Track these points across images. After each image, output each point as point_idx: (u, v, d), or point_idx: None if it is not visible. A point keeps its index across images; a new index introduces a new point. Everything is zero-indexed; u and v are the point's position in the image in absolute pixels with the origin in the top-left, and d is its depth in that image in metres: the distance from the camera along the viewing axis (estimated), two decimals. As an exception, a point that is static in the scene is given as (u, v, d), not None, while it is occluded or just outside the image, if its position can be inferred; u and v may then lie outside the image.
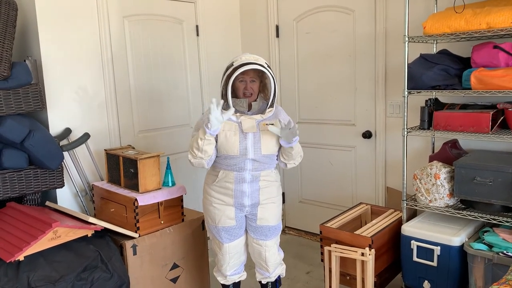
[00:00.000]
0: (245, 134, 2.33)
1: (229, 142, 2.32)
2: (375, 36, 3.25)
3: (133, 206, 2.60)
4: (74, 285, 2.23)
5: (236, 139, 2.32)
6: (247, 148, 2.32)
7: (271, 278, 2.58)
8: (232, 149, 2.32)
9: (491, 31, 2.27)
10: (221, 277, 2.60)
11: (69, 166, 2.94)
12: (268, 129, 2.31)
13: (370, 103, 3.37)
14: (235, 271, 2.57)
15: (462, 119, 2.45)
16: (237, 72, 2.26)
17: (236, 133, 2.32)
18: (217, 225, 2.44)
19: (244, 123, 2.33)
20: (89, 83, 3.07)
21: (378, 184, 3.41)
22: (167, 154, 3.37)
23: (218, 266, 2.58)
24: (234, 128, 2.33)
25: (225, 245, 2.46)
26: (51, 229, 2.26)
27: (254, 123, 2.34)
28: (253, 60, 2.28)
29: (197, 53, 3.77)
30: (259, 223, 2.44)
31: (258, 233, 2.47)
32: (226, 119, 2.25)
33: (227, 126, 2.33)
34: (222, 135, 2.32)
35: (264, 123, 2.34)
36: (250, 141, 2.33)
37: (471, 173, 2.41)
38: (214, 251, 2.59)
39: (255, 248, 2.51)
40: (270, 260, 2.51)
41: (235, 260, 2.53)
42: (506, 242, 2.29)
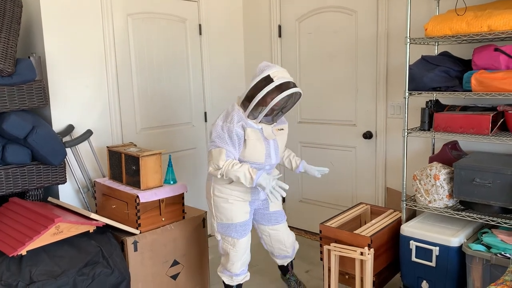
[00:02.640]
0: (268, 141, 2.46)
1: (256, 150, 2.42)
2: (377, 37, 3.27)
3: (135, 203, 2.63)
4: (76, 280, 2.25)
5: (262, 146, 2.44)
6: (270, 155, 2.48)
7: (291, 257, 2.87)
8: (259, 157, 2.44)
9: (492, 34, 2.28)
10: (228, 277, 2.65)
11: (72, 162, 2.96)
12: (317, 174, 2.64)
13: (371, 103, 3.38)
14: (243, 271, 2.65)
15: (463, 121, 2.46)
16: (284, 94, 2.29)
17: (260, 140, 2.44)
18: (233, 221, 2.52)
19: (264, 131, 2.45)
20: (92, 80, 3.09)
21: (378, 184, 3.43)
22: (169, 152, 3.40)
23: (228, 266, 2.61)
24: (259, 135, 2.43)
25: (240, 240, 2.54)
26: (54, 224, 2.28)
27: (271, 130, 2.47)
28: (289, 79, 2.34)
29: (200, 51, 3.79)
30: (271, 209, 2.66)
31: (272, 219, 2.69)
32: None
33: (255, 135, 2.42)
34: (251, 144, 2.41)
35: (277, 128, 2.51)
36: (272, 148, 2.48)
37: (470, 174, 2.42)
38: (225, 251, 2.61)
39: (272, 235, 2.72)
40: (288, 241, 2.76)
41: (246, 256, 2.63)
42: (504, 243, 2.30)
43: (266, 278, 3.21)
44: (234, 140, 2.35)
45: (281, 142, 2.57)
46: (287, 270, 2.96)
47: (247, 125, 2.38)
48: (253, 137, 2.39)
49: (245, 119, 2.39)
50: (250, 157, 2.42)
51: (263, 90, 2.28)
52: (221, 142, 2.35)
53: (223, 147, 2.33)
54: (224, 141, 2.34)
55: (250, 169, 2.33)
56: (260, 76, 2.32)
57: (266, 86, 2.28)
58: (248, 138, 2.37)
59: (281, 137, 2.56)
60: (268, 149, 2.46)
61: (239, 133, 2.35)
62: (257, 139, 2.40)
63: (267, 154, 2.46)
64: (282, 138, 2.57)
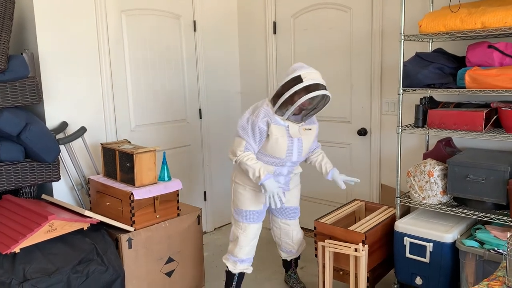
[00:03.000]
0: (292, 138, 2.52)
1: (278, 146, 2.50)
2: (372, 34, 3.27)
3: (129, 200, 2.62)
4: (70, 277, 2.24)
5: (284, 143, 2.50)
6: (292, 152, 2.54)
7: (296, 255, 2.94)
8: (280, 152, 2.52)
9: (486, 30, 2.29)
10: (232, 263, 2.72)
11: (65, 159, 2.95)
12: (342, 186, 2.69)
13: (366, 100, 3.39)
14: (248, 259, 2.73)
15: (456, 118, 2.47)
16: (311, 95, 2.34)
17: (284, 137, 2.50)
18: (247, 208, 2.65)
19: (291, 128, 2.51)
20: (86, 77, 3.07)
21: (373, 181, 3.44)
22: (163, 149, 3.39)
23: (235, 251, 2.69)
24: (283, 132, 2.49)
25: (251, 225, 2.66)
26: (47, 221, 2.27)
27: (297, 128, 2.52)
28: (320, 81, 2.40)
29: (194, 48, 3.78)
30: (286, 205, 2.72)
31: (285, 214, 2.79)
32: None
33: (278, 132, 2.48)
34: (273, 139, 2.48)
35: (304, 128, 2.56)
36: (296, 146, 2.54)
37: (464, 171, 2.43)
38: (235, 235, 2.71)
39: (282, 229, 2.83)
40: (296, 238, 2.85)
41: (253, 245, 2.72)
42: (497, 239, 2.31)
43: (261, 274, 3.22)
44: (256, 134, 2.47)
45: (307, 142, 2.60)
46: (290, 267, 3.02)
47: (272, 121, 2.46)
48: (276, 134, 2.47)
49: (272, 115, 2.47)
50: (271, 151, 2.52)
51: (292, 89, 2.36)
52: (243, 133, 2.48)
53: (244, 139, 2.48)
54: (246, 133, 2.48)
55: (262, 170, 2.46)
56: (291, 75, 2.40)
57: (295, 86, 2.35)
58: (271, 134, 2.47)
59: (308, 137, 2.60)
60: (290, 147, 2.53)
61: (261, 128, 2.46)
62: (281, 135, 2.48)
63: (289, 151, 2.53)
64: (309, 138, 2.61)
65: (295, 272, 3.04)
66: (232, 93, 4.14)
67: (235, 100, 4.17)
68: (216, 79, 3.98)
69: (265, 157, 2.57)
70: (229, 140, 4.07)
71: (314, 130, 2.64)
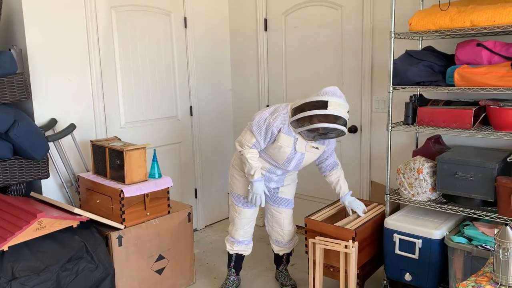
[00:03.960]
0: (296, 152, 2.56)
1: (280, 153, 2.55)
2: (362, 32, 3.28)
3: (119, 198, 2.61)
4: (59, 275, 2.23)
5: (286, 153, 2.55)
6: (290, 163, 2.60)
7: (287, 249, 2.96)
8: (279, 159, 2.59)
9: (475, 29, 2.31)
10: (230, 244, 2.88)
11: (55, 156, 2.93)
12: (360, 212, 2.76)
13: (356, 98, 3.40)
14: (245, 241, 2.87)
15: (445, 115, 2.49)
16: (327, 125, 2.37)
17: (290, 147, 2.54)
18: (241, 193, 2.76)
19: (298, 142, 2.54)
20: (75, 73, 3.05)
21: (363, 178, 3.46)
22: (154, 146, 3.38)
23: (232, 232, 2.86)
24: (290, 143, 2.53)
25: (245, 210, 2.78)
26: (36, 219, 2.25)
27: (304, 145, 2.57)
28: (343, 114, 2.40)
29: (185, 45, 3.76)
30: (280, 195, 2.83)
31: (278, 202, 2.84)
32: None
33: (285, 141, 2.52)
34: (277, 145, 2.53)
35: (311, 145, 2.59)
36: (296, 159, 2.58)
37: (453, 168, 2.45)
38: (231, 217, 2.86)
39: (274, 216, 2.87)
40: (287, 228, 2.88)
41: (248, 228, 2.85)
42: (485, 236, 2.34)
43: (252, 271, 3.23)
44: (268, 136, 2.52)
45: (309, 158, 2.63)
46: (281, 263, 3.05)
47: (284, 130, 2.50)
48: (283, 143, 2.51)
49: (287, 124, 2.50)
50: (271, 155, 2.59)
51: (313, 111, 2.38)
52: (257, 131, 2.53)
53: (256, 136, 2.54)
54: (259, 132, 2.53)
55: (258, 171, 2.56)
56: (319, 97, 2.41)
57: (317, 109, 2.37)
58: (277, 140, 2.52)
59: (312, 154, 2.62)
60: (291, 158, 2.57)
61: (274, 132, 2.51)
62: (286, 145, 2.52)
63: (288, 161, 2.58)
64: (311, 156, 2.64)
65: (286, 269, 3.05)
66: (223, 90, 4.14)
67: (226, 97, 4.17)
68: (207, 76, 3.96)
69: (264, 155, 2.63)
70: (220, 138, 4.11)
71: (320, 150, 2.65)
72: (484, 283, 1.86)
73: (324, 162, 2.76)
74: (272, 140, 2.54)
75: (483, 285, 1.85)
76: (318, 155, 2.67)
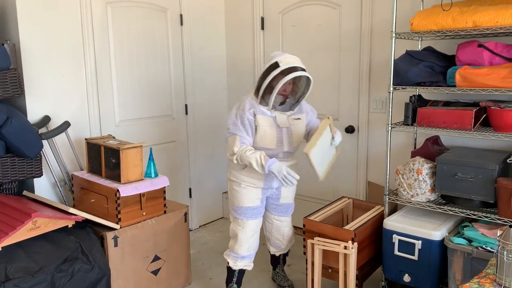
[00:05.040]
0: (281, 128, 2.51)
1: (267, 136, 2.49)
2: (361, 32, 3.27)
3: (115, 197, 2.55)
4: (54, 276, 2.17)
5: (273, 133, 2.50)
6: (283, 142, 2.54)
7: (284, 250, 2.91)
8: (270, 143, 2.51)
9: (477, 29, 2.30)
10: (233, 260, 2.70)
11: (48, 155, 2.86)
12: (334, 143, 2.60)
13: (354, 98, 3.38)
14: (249, 256, 2.71)
15: (446, 116, 2.48)
16: (287, 78, 2.36)
17: (273, 127, 2.50)
18: (244, 205, 2.62)
19: (278, 118, 2.51)
20: (69, 70, 2.98)
21: (360, 178, 3.44)
22: (148, 145, 3.32)
23: (235, 248, 2.68)
24: (270, 122, 2.49)
25: (249, 222, 2.63)
26: (31, 219, 2.19)
27: (286, 118, 2.52)
28: (297, 64, 2.42)
29: (181, 42, 3.71)
30: (282, 201, 2.74)
31: (280, 210, 2.77)
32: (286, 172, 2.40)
33: (265, 122, 2.48)
34: (261, 130, 2.48)
35: (293, 117, 2.55)
36: (285, 135, 2.53)
37: (453, 169, 2.45)
38: (234, 232, 2.69)
39: (274, 224, 2.81)
40: (288, 234, 2.84)
41: (253, 241, 2.69)
42: (484, 237, 2.34)
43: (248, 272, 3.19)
44: (247, 126, 2.46)
45: (296, 131, 2.58)
46: (278, 263, 3.00)
47: (258, 112, 2.47)
48: (263, 124, 2.47)
49: (257, 106, 2.47)
50: (261, 143, 2.50)
51: (269, 76, 2.38)
52: (235, 129, 2.46)
53: (237, 134, 2.45)
54: (237, 128, 2.46)
55: (262, 156, 2.41)
56: (269, 63, 2.43)
57: (272, 72, 2.38)
58: (258, 125, 2.46)
59: (297, 126, 2.58)
60: (280, 136, 2.52)
61: (250, 119, 2.45)
62: (269, 126, 2.48)
63: (279, 140, 2.52)
64: (298, 128, 2.59)
65: (283, 270, 3.02)
66: (219, 89, 4.09)
67: (222, 96, 4.12)
68: (203, 74, 3.92)
69: (257, 149, 2.54)
70: (215, 137, 4.06)
71: (303, 119, 2.62)
72: (487, 285, 1.85)
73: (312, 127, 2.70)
74: (254, 128, 2.48)
75: (486, 287, 1.84)
76: (303, 125, 2.63)
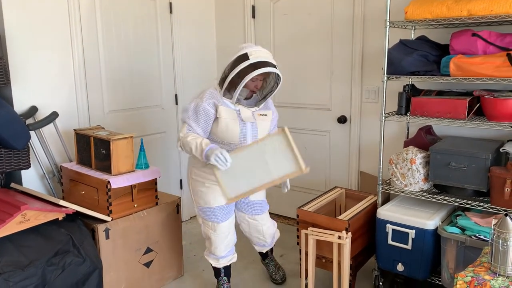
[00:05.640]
0: (245, 123, 2.38)
1: (229, 130, 2.35)
2: (353, 20, 3.24)
3: (106, 189, 2.51)
4: (45, 270, 2.12)
5: (236, 127, 2.36)
6: (246, 137, 2.39)
7: (270, 246, 2.85)
8: (233, 137, 2.37)
9: (472, 18, 2.29)
10: (214, 260, 2.63)
11: (36, 146, 2.79)
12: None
13: (346, 88, 3.37)
14: (229, 252, 2.62)
15: (440, 105, 2.47)
16: (257, 72, 2.23)
17: (236, 120, 2.36)
18: (211, 205, 2.47)
19: (242, 112, 2.38)
20: (57, 60, 2.90)
21: (352, 168, 3.44)
22: (137, 136, 3.27)
23: (212, 249, 2.59)
24: (233, 115, 2.36)
25: (221, 224, 2.51)
26: (20, 212, 2.13)
27: (251, 113, 2.40)
28: (267, 59, 2.28)
29: (170, 31, 3.64)
30: (251, 199, 2.59)
31: (251, 209, 2.63)
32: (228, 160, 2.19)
33: (228, 114, 2.34)
34: (223, 123, 2.33)
35: (259, 113, 2.43)
36: (249, 130, 2.40)
37: (446, 158, 2.45)
38: (206, 235, 2.58)
39: (251, 224, 2.68)
40: (268, 232, 2.73)
41: (229, 240, 2.59)
42: (478, 226, 2.35)
43: (239, 264, 3.17)
44: (199, 116, 2.32)
45: (262, 128, 2.46)
46: (266, 256, 2.96)
47: (221, 103, 2.34)
48: (225, 116, 2.33)
49: (220, 98, 2.35)
50: (223, 136, 2.37)
51: (238, 67, 2.24)
52: (185, 116, 2.36)
53: (186, 122, 2.35)
54: (187, 115, 2.34)
55: (204, 142, 2.24)
56: (237, 54, 2.28)
57: (241, 63, 2.24)
58: (220, 117, 2.32)
59: (263, 122, 2.46)
60: (243, 131, 2.39)
61: (206, 109, 2.31)
62: (231, 119, 2.34)
63: (242, 135, 2.38)
64: (264, 124, 2.47)
65: (273, 259, 2.97)
66: (209, 79, 4.03)
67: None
68: (193, 64, 3.86)
69: (220, 143, 2.41)
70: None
71: (269, 116, 2.48)
72: (482, 273, 1.87)
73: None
74: (211, 120, 2.32)
75: (481, 275, 1.85)
76: (269, 121, 2.49)
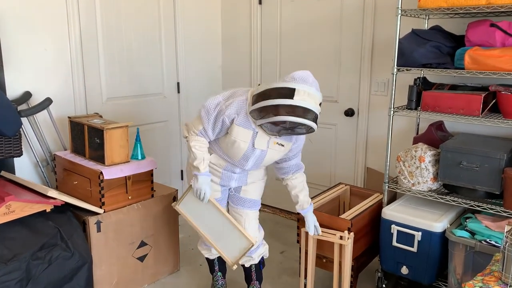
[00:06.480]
0: (254, 148, 2.16)
1: (234, 149, 2.15)
2: (364, 8, 3.07)
3: (98, 180, 2.41)
4: (29, 264, 2.04)
5: (242, 149, 2.14)
6: (248, 161, 2.21)
7: (254, 259, 2.44)
8: (234, 156, 2.19)
9: (490, 7, 2.12)
10: (206, 250, 2.53)
11: (29, 133, 2.70)
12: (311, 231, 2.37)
13: (355, 79, 3.21)
14: None
15: (452, 100, 2.32)
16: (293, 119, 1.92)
17: (246, 144, 2.13)
18: None
19: (258, 136, 2.13)
20: (52, 44, 2.79)
21: (358, 164, 3.30)
22: (137, 125, 3.16)
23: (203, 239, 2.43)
24: (247, 137, 2.12)
25: None
26: (4, 203, 2.05)
27: (266, 141, 2.16)
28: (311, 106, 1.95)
29: (173, 17, 3.51)
30: (242, 195, 2.40)
31: (239, 202, 2.40)
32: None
33: (241, 136, 2.10)
34: (230, 139, 2.12)
35: (276, 141, 2.18)
36: (255, 156, 2.19)
37: (457, 157, 2.30)
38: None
39: (236, 218, 2.36)
40: (251, 233, 2.33)
41: None
42: (489, 230, 2.21)
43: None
44: (217, 125, 2.12)
45: (271, 156, 2.22)
46: (251, 280, 2.53)
47: (239, 121, 2.09)
48: (236, 136, 2.11)
49: (243, 114, 2.09)
50: (225, 150, 2.20)
51: (278, 100, 1.93)
52: (205, 117, 2.13)
53: (203, 124, 2.14)
54: (208, 119, 2.12)
55: (204, 163, 2.15)
56: (286, 84, 1.96)
57: (283, 98, 1.93)
58: (230, 133, 2.11)
59: (274, 152, 2.21)
60: (248, 155, 2.17)
61: (225, 123, 2.10)
62: (242, 140, 2.12)
63: (244, 158, 2.18)
64: (274, 154, 2.22)
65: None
66: (213, 67, 3.91)
67: (216, 75, 3.94)
68: (196, 51, 3.73)
69: (218, 150, 2.25)
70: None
71: (287, 147, 2.22)
72: (492, 283, 1.73)
73: (287, 162, 2.31)
74: (224, 132, 2.15)
75: (491, 285, 1.71)
76: (283, 153, 2.23)
